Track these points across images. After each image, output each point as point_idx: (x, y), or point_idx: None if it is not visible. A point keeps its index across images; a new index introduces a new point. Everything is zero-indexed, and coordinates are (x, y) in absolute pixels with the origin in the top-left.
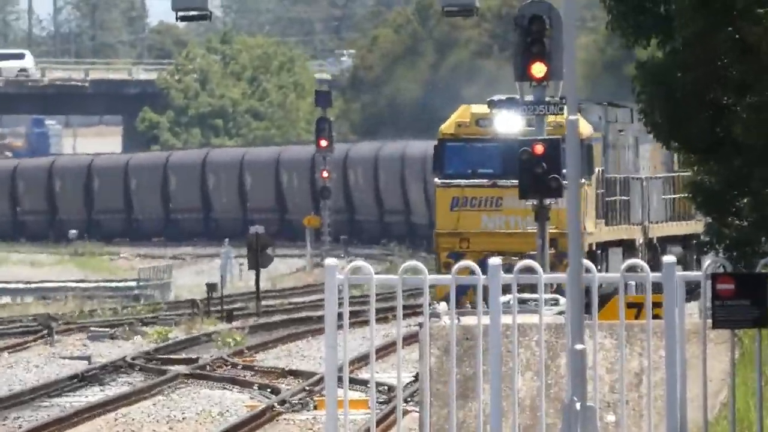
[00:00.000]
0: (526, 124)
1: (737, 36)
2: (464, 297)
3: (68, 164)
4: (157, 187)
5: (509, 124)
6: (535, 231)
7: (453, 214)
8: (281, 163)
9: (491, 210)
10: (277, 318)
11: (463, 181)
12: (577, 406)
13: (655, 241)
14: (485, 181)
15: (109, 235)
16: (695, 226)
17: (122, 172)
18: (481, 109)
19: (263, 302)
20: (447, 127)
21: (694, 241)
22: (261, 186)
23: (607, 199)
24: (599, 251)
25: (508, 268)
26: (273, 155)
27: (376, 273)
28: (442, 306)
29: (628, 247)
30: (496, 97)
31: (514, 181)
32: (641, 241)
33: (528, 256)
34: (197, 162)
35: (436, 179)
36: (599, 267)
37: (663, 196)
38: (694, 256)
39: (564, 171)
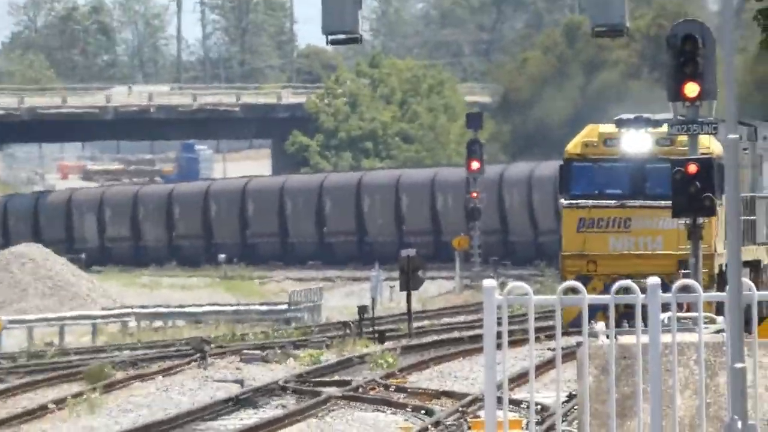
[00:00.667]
0: (654, 143)
1: None
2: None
3: (224, 188)
4: (312, 210)
5: (637, 143)
6: (664, 252)
7: (579, 236)
8: (436, 185)
9: (619, 231)
10: (428, 339)
11: (590, 202)
12: (739, 425)
13: None
14: (613, 202)
15: (263, 259)
16: None
17: (277, 194)
18: (608, 128)
19: (414, 323)
20: (573, 146)
21: None
22: (416, 208)
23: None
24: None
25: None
26: (428, 177)
27: None
28: (599, 325)
29: (754, 267)
30: (624, 116)
31: (643, 201)
32: (766, 261)
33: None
34: (352, 184)
35: (561, 200)
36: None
37: None
38: None
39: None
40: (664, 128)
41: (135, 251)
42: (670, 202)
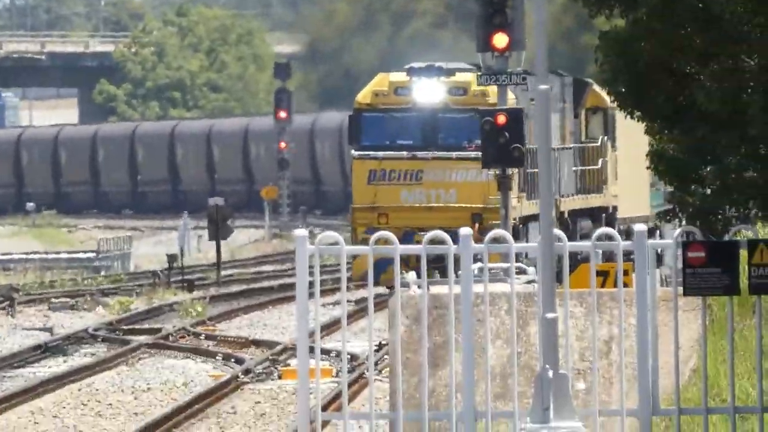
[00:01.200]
0: (446, 93)
1: (700, 5)
2: (384, 274)
3: (35, 136)
4: (125, 158)
5: (429, 93)
6: (458, 206)
7: (370, 188)
8: (249, 135)
9: (411, 184)
10: (237, 288)
11: (380, 154)
12: (550, 374)
13: (566, 215)
14: (404, 153)
15: (77, 208)
16: (603, 199)
17: (89, 143)
18: (399, 77)
19: (223, 272)
20: (363, 96)
21: (603, 214)
22: (229, 158)
23: (528, 171)
24: (521, 225)
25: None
26: (241, 127)
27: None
28: (411, 276)
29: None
30: (415, 65)
31: (435, 153)
32: (554, 214)
33: (450, 233)
34: (165, 133)
35: (352, 151)
36: (519, 242)
37: (573, 168)
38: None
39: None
40: (458, 77)
41: None
42: (464, 153)
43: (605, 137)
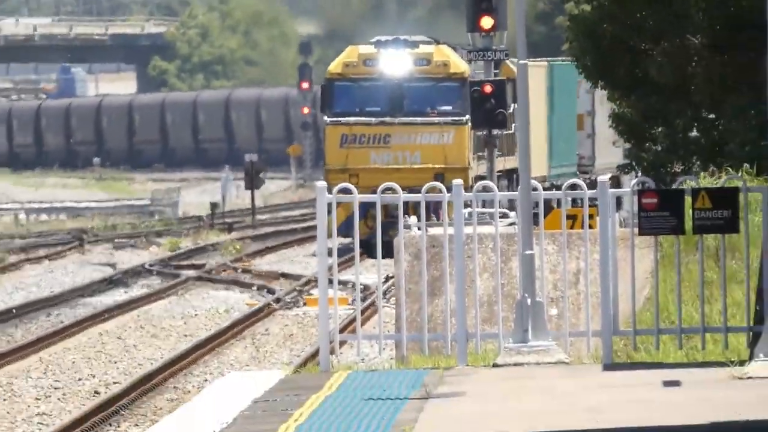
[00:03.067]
0: (412, 63)
1: None
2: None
3: (112, 103)
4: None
5: (395, 63)
6: (422, 166)
7: (342, 151)
8: (289, 102)
9: (380, 147)
10: (268, 229)
11: (351, 119)
12: (528, 301)
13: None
14: (373, 119)
15: (148, 163)
16: (515, 161)
17: (159, 108)
18: (368, 49)
19: (257, 217)
20: (334, 66)
21: (515, 175)
22: (243, 121)
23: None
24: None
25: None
26: (280, 95)
27: None
28: (412, 219)
29: (510, 175)
30: (382, 38)
31: (402, 118)
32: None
33: (415, 191)
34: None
35: (325, 117)
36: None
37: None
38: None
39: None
40: (421, 49)
41: (37, 156)
42: (428, 119)
43: (515, 104)
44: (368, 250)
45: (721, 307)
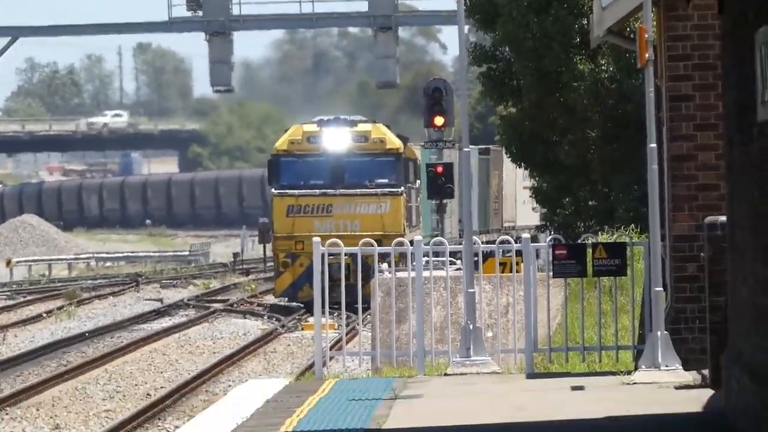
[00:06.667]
0: (351, 140)
1: (562, 99)
2: (300, 291)
3: (178, 179)
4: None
5: (337, 141)
6: (362, 233)
7: (289, 220)
8: (264, 180)
9: (323, 216)
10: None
11: (297, 192)
12: (470, 326)
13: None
14: (317, 191)
15: (181, 223)
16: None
17: (190, 183)
18: (311, 127)
19: (267, 264)
20: (281, 143)
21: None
22: (252, 193)
23: (409, 205)
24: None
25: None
26: (260, 174)
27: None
28: (384, 266)
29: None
30: (324, 117)
31: (342, 190)
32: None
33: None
34: (235, 177)
35: (272, 189)
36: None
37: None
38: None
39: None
40: (360, 127)
41: (102, 219)
42: (366, 190)
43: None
44: (311, 310)
45: (613, 330)
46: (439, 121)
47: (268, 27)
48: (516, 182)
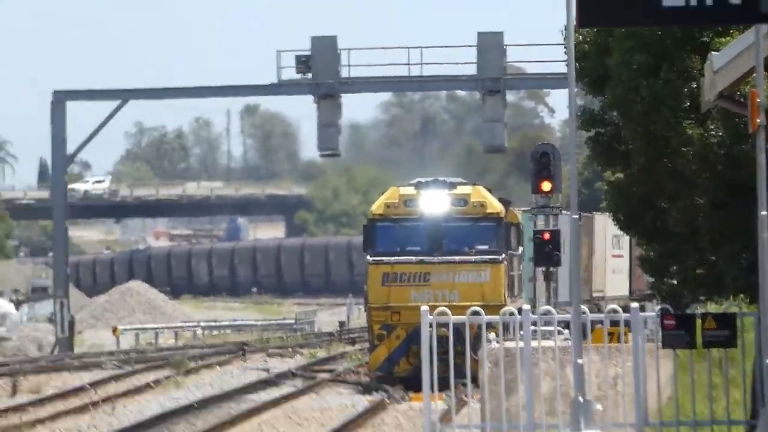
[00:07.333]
0: (450, 204)
1: (670, 165)
2: (397, 367)
3: (265, 245)
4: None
5: (435, 204)
6: (461, 304)
7: (384, 289)
8: (351, 247)
9: (420, 285)
10: None
11: (392, 259)
12: (580, 399)
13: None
14: (413, 258)
15: (291, 291)
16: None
17: (300, 249)
18: (408, 190)
19: None
20: (377, 207)
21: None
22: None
23: (510, 273)
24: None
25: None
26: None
27: None
28: (491, 336)
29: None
30: (422, 179)
31: (440, 258)
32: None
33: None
34: (344, 243)
35: (367, 257)
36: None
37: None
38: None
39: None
40: (459, 190)
41: (211, 286)
42: (465, 258)
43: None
44: (410, 386)
45: (725, 404)
46: (546, 186)
47: (377, 90)
48: (606, 250)
